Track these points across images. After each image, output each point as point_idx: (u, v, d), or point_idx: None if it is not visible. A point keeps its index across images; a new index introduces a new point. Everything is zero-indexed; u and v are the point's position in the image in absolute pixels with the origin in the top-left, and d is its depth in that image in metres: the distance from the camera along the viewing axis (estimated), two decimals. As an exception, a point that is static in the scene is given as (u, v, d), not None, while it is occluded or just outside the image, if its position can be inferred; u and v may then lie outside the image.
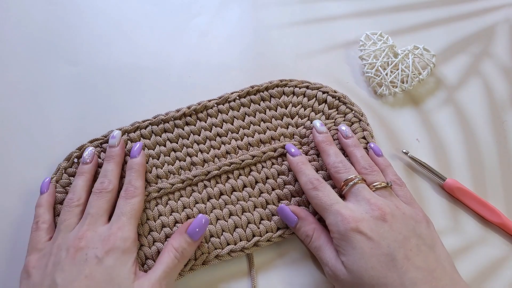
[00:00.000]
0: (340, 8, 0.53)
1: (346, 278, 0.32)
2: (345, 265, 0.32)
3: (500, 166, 0.43)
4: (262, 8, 0.53)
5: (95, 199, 0.35)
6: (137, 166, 0.38)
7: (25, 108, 0.45)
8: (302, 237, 0.36)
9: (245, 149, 0.41)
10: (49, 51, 0.48)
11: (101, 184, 0.36)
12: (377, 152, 0.40)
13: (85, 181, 0.37)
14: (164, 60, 0.48)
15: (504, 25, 0.53)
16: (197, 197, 0.39)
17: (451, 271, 0.32)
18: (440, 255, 0.32)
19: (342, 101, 0.43)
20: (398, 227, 0.32)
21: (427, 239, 0.33)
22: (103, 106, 0.45)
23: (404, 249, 0.31)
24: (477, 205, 0.40)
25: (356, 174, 0.36)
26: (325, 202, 0.35)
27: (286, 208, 0.37)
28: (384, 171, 0.39)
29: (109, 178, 0.37)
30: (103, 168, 0.38)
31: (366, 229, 0.32)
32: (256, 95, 0.43)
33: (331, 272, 0.33)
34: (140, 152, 0.39)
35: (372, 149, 0.40)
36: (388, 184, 0.36)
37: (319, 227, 0.36)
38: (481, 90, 0.48)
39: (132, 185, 0.36)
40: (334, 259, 0.33)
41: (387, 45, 0.47)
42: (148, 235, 0.37)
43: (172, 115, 0.42)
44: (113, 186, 0.36)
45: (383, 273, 0.30)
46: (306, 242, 0.36)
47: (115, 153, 0.39)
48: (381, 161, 0.39)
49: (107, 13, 0.52)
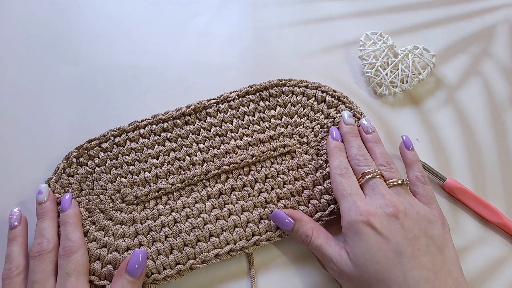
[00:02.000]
0: (340, 8, 0.53)
1: (352, 272, 0.32)
2: (350, 257, 0.32)
3: (500, 166, 0.43)
4: (262, 8, 0.53)
5: (37, 264, 0.32)
6: (71, 218, 0.35)
7: (25, 108, 0.45)
8: (301, 237, 0.36)
9: (245, 149, 0.41)
10: (49, 51, 0.48)
11: (39, 246, 0.33)
12: (407, 145, 0.40)
13: (19, 246, 0.34)
14: (164, 60, 0.48)
15: (504, 25, 0.53)
16: (196, 196, 0.39)
17: (456, 274, 0.32)
18: (448, 258, 0.32)
19: (341, 101, 0.43)
20: (410, 225, 0.33)
21: (437, 240, 0.33)
22: (103, 105, 0.45)
23: (412, 248, 0.31)
24: (477, 205, 0.40)
25: (375, 169, 0.37)
26: (346, 189, 0.35)
27: (280, 212, 0.36)
28: (410, 166, 0.39)
29: (47, 237, 0.34)
30: (38, 227, 0.35)
31: (377, 224, 0.32)
32: (255, 94, 0.43)
33: (336, 268, 0.33)
34: (71, 202, 0.37)
35: (403, 142, 0.40)
36: (404, 182, 0.36)
37: (316, 225, 0.36)
38: (481, 90, 0.48)
39: (69, 239, 0.34)
40: (338, 254, 0.33)
41: (387, 45, 0.47)
42: (148, 235, 0.37)
43: (171, 115, 0.42)
44: (53, 244, 0.34)
45: (388, 269, 0.31)
46: (306, 242, 0.35)
47: (47, 208, 0.36)
48: (409, 155, 0.39)
49: (107, 13, 0.52)
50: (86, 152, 0.40)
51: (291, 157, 0.41)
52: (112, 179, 0.39)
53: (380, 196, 0.34)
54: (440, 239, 0.33)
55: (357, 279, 0.32)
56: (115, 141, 0.41)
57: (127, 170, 0.40)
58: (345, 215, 0.34)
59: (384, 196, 0.34)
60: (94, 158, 0.40)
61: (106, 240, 0.36)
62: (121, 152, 0.40)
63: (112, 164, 0.40)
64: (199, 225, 0.37)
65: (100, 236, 0.37)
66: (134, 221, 0.38)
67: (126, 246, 0.36)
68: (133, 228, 0.37)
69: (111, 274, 0.35)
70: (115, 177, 0.39)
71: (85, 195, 0.38)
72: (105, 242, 0.36)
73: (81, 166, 0.40)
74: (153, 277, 0.35)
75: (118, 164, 0.40)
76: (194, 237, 0.37)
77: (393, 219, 0.33)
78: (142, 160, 0.40)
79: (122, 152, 0.40)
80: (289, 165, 0.40)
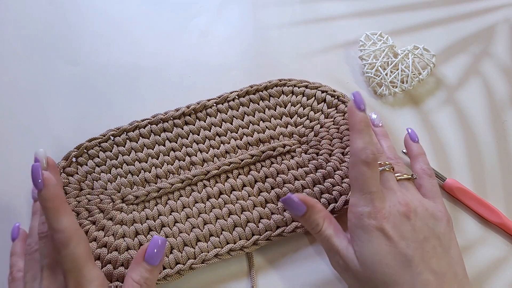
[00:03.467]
0: (340, 8, 0.54)
1: (358, 269, 0.31)
2: (358, 256, 0.31)
3: (500, 166, 0.43)
4: (262, 8, 0.53)
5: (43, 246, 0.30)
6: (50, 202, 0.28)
7: (25, 108, 0.45)
8: (311, 226, 0.34)
9: (244, 149, 0.41)
10: (49, 51, 0.48)
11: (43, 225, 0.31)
12: (413, 137, 0.39)
13: None
14: (163, 60, 0.48)
15: (504, 25, 0.53)
16: (196, 196, 0.39)
17: (461, 276, 0.31)
18: (453, 258, 0.32)
19: (341, 100, 0.43)
20: (420, 226, 0.32)
21: (444, 239, 0.32)
22: (103, 105, 0.45)
23: (421, 250, 0.31)
24: (477, 205, 0.40)
25: (385, 161, 0.34)
26: (367, 184, 0.32)
27: (293, 197, 0.33)
28: (415, 158, 0.38)
29: None
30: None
31: (389, 228, 0.31)
32: (255, 94, 0.43)
33: (342, 262, 0.32)
34: (50, 178, 0.29)
35: (408, 134, 0.40)
36: (413, 177, 0.35)
37: (329, 215, 0.34)
38: (481, 90, 0.48)
39: (55, 229, 0.28)
40: (345, 248, 0.32)
41: (387, 45, 0.47)
42: (148, 235, 0.37)
43: (171, 115, 0.42)
44: None
45: (396, 271, 0.30)
46: (316, 230, 0.34)
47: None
48: (414, 147, 0.39)
49: (107, 13, 0.52)
50: (86, 151, 0.40)
51: (291, 156, 0.41)
52: (112, 178, 0.39)
53: (392, 192, 0.33)
54: (446, 238, 0.32)
55: (362, 278, 0.31)
56: (115, 140, 0.41)
57: (127, 170, 0.40)
58: (357, 209, 0.32)
59: (395, 192, 0.33)
60: (94, 158, 0.40)
61: (106, 240, 0.36)
62: (121, 152, 0.40)
63: (112, 163, 0.40)
64: (199, 224, 0.37)
65: (100, 236, 0.37)
66: (134, 221, 0.38)
67: (126, 246, 0.36)
68: (133, 228, 0.37)
69: (111, 273, 0.35)
70: (115, 177, 0.39)
71: (85, 195, 0.38)
72: (105, 242, 0.36)
73: (81, 165, 0.40)
74: (153, 277, 0.35)
75: (118, 163, 0.40)
76: (194, 236, 0.37)
77: (405, 219, 0.32)
78: (142, 160, 0.40)
79: (122, 152, 0.40)
80: (289, 164, 0.40)
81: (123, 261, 0.36)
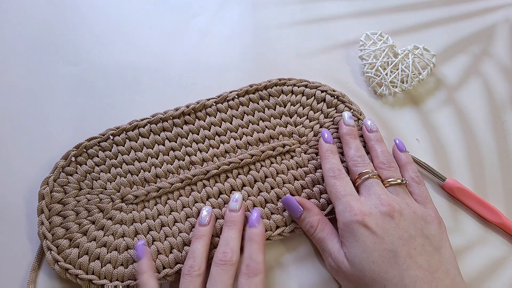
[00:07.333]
0: (340, 8, 0.54)
1: (348, 270, 0.32)
2: (347, 257, 0.32)
3: (500, 166, 0.43)
4: (262, 8, 0.53)
5: (220, 272, 0.32)
6: (258, 237, 0.34)
7: (25, 108, 0.45)
8: (306, 227, 0.36)
9: (244, 148, 0.41)
10: (49, 51, 0.48)
11: (224, 255, 0.33)
12: (400, 147, 0.40)
13: (204, 246, 0.34)
14: (163, 60, 0.48)
15: (504, 25, 0.53)
16: (196, 196, 0.39)
17: (454, 274, 0.32)
18: (445, 257, 0.32)
19: (340, 100, 0.43)
20: (405, 225, 0.33)
21: (434, 240, 0.33)
22: (103, 105, 0.45)
23: (407, 247, 0.31)
24: (477, 205, 0.40)
25: (372, 169, 0.37)
26: (340, 191, 0.35)
27: (291, 198, 0.37)
28: (404, 167, 0.39)
29: (233, 248, 0.33)
30: (224, 234, 0.35)
31: (371, 224, 0.32)
32: (255, 94, 0.43)
33: (333, 263, 0.34)
34: (259, 220, 0.36)
35: (396, 145, 0.40)
36: (403, 182, 0.36)
37: (324, 218, 0.37)
38: (481, 90, 0.48)
39: (254, 260, 0.33)
40: (337, 250, 0.34)
41: (387, 45, 0.47)
42: (148, 235, 0.37)
43: (171, 114, 0.42)
44: (237, 257, 0.33)
45: (384, 268, 0.31)
46: (310, 232, 0.36)
47: (238, 218, 0.36)
48: (403, 156, 0.40)
49: (107, 13, 0.52)
50: (85, 151, 0.40)
51: (290, 156, 0.41)
52: (111, 178, 0.39)
53: (376, 196, 0.34)
54: (437, 239, 0.33)
55: (353, 278, 0.32)
56: (115, 140, 0.41)
57: (127, 170, 0.40)
58: (340, 217, 0.34)
59: (379, 196, 0.34)
60: (93, 157, 0.40)
61: (105, 239, 0.36)
62: (120, 151, 0.40)
63: (111, 163, 0.40)
64: (199, 224, 0.37)
65: (100, 235, 0.37)
66: (134, 221, 0.38)
67: (125, 245, 0.36)
68: (133, 227, 0.37)
69: (111, 273, 0.35)
70: (115, 176, 0.39)
71: (84, 194, 0.38)
72: (105, 241, 0.36)
73: (80, 165, 0.40)
74: (152, 277, 0.35)
75: (117, 163, 0.40)
76: (193, 236, 0.37)
77: (388, 218, 0.33)
78: (141, 159, 0.40)
79: (122, 151, 0.40)
80: (289, 164, 0.40)
81: (123, 260, 0.36)
